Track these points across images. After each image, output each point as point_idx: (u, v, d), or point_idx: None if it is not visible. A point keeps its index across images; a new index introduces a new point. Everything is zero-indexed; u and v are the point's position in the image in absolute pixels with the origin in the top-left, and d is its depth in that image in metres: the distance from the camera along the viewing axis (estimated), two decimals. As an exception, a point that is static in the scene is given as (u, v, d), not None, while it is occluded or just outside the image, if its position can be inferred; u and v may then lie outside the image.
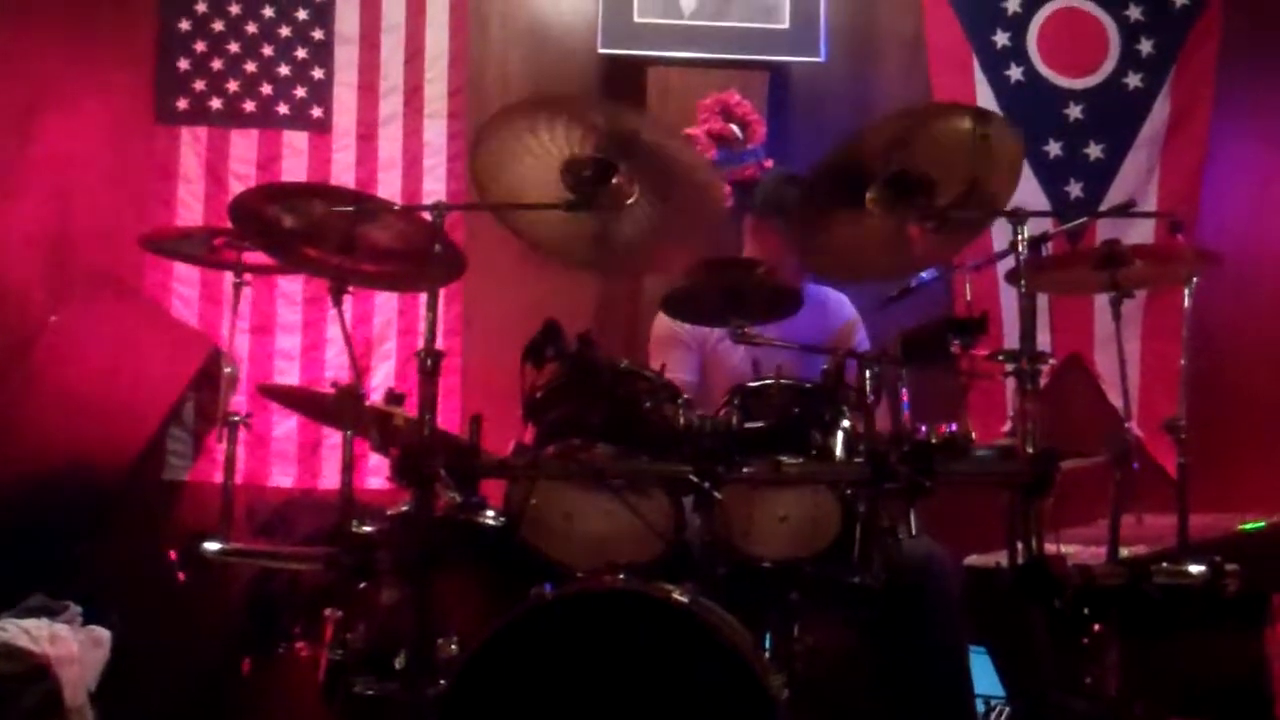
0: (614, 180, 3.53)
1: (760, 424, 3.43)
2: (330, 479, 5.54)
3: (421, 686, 3.24)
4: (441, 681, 3.22)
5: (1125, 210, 5.13)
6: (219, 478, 4.37)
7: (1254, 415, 5.74)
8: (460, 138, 5.73)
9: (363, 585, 3.69)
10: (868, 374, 3.41)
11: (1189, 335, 3.92)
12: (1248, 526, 4.36)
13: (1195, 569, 3.53)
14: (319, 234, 3.68)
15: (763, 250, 4.44)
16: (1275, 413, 5.78)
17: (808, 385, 3.50)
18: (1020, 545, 3.29)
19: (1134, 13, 5.98)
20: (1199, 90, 5.96)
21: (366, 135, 5.78)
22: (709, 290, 3.59)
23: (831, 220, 3.66)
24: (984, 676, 4.31)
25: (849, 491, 3.41)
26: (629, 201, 3.57)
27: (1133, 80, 5.97)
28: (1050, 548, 3.29)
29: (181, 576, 3.98)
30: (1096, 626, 3.72)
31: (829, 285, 4.62)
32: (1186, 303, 3.91)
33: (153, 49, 5.80)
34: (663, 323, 4.55)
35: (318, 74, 5.80)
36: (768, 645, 3.55)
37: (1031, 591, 3.25)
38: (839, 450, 3.43)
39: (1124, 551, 3.77)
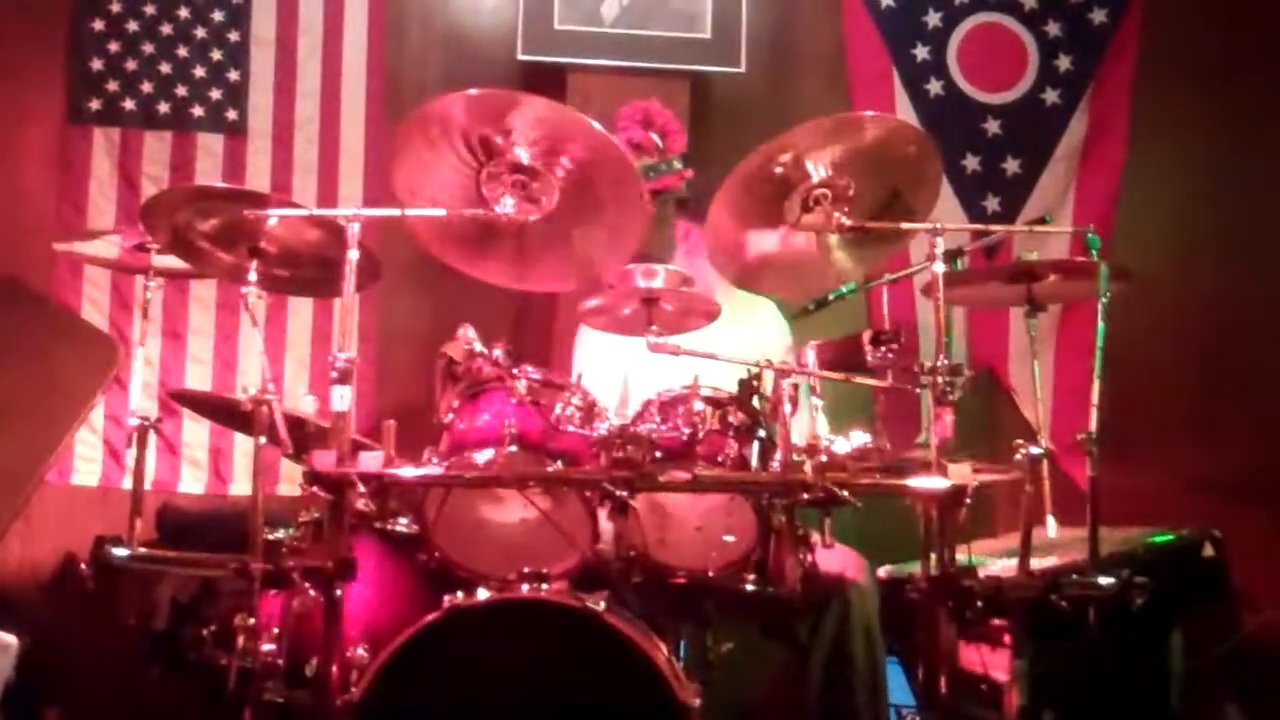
0: (533, 185, 3.51)
1: (676, 433, 3.42)
2: (241, 485, 5.49)
3: (332, 694, 3.21)
4: (352, 689, 3.19)
5: (1041, 225, 5.16)
6: (128, 484, 4.31)
7: (1164, 429, 5.81)
8: (377, 142, 5.69)
9: (274, 593, 3.65)
10: (784, 384, 3.41)
11: (1102, 350, 3.94)
12: (1156, 539, 4.41)
13: (1105, 581, 3.56)
14: (232, 238, 3.64)
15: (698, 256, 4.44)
16: (1186, 429, 5.87)
17: (724, 395, 3.49)
18: (933, 556, 3.31)
19: (1053, 29, 6.05)
20: (1115, 107, 6.03)
21: (282, 139, 5.73)
22: (627, 300, 3.58)
23: (749, 230, 3.67)
24: (896, 686, 4.33)
25: (764, 501, 3.41)
26: (547, 207, 3.54)
27: (1050, 96, 6.03)
28: (962, 559, 3.32)
29: (90, 583, 3.92)
30: (1006, 637, 3.74)
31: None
32: (1100, 318, 3.94)
33: (64, 48, 5.72)
34: (586, 331, 4.54)
35: (233, 76, 5.75)
36: (682, 654, 3.55)
37: (943, 602, 3.27)
38: (754, 460, 3.44)
39: (1035, 563, 3.79)
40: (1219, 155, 6.06)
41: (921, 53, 5.99)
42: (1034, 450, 3.62)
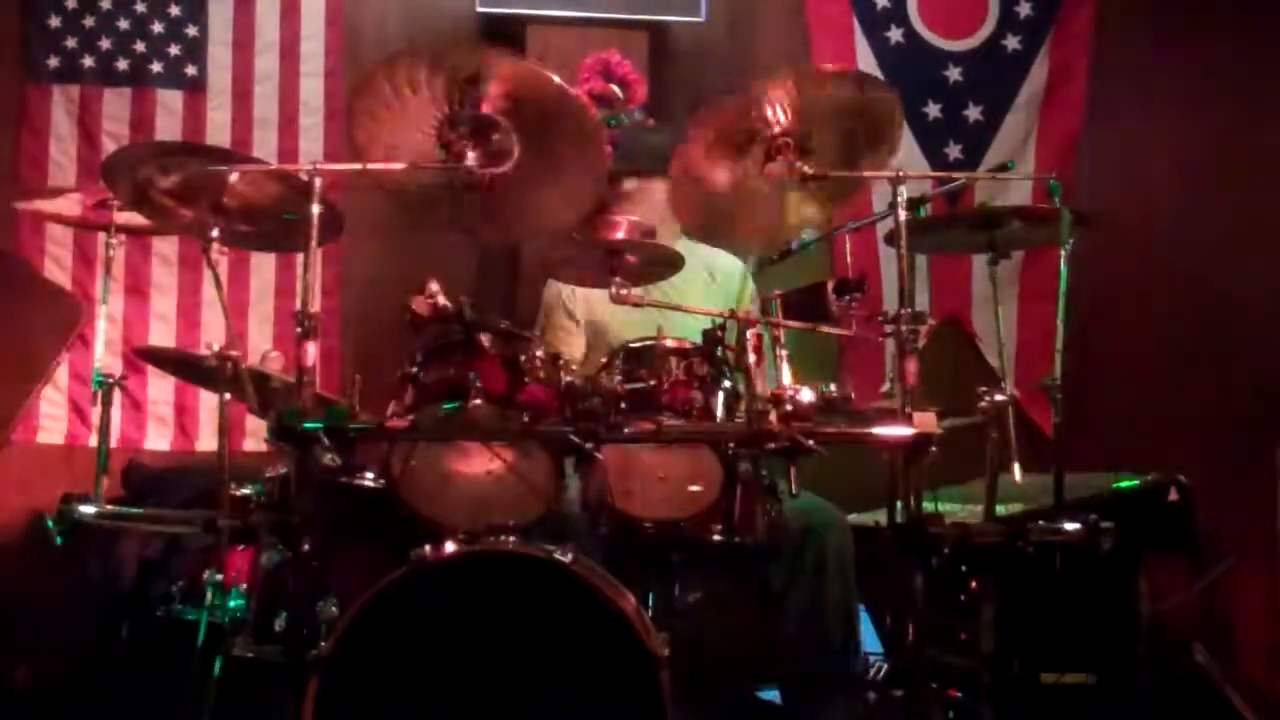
0: (494, 138, 3.50)
1: (642, 384, 3.42)
2: (207, 442, 5.47)
3: (301, 649, 3.21)
4: (321, 644, 3.19)
5: (1003, 172, 5.18)
6: (94, 441, 4.30)
7: (1128, 376, 5.85)
8: (337, 97, 5.66)
9: (241, 548, 3.66)
10: (748, 334, 3.42)
11: (1065, 297, 3.96)
12: (1121, 485, 4.44)
13: (1070, 527, 3.58)
14: (193, 194, 3.62)
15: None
16: (1149, 373, 5.89)
17: (689, 346, 3.50)
18: (899, 504, 3.33)
19: (1013, -26, 6.05)
20: (1076, 54, 6.04)
21: (242, 94, 5.69)
22: (590, 251, 3.58)
23: (710, 180, 3.66)
24: (864, 634, 4.35)
25: (730, 451, 3.42)
26: (510, 160, 3.53)
27: (1011, 43, 6.03)
28: (928, 507, 3.33)
29: (58, 541, 3.92)
30: (974, 584, 3.77)
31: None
32: (1063, 264, 3.95)
33: (20, 6, 5.66)
34: (552, 284, 4.53)
35: (192, 31, 5.70)
36: (649, 605, 3.56)
37: (910, 549, 3.29)
38: (720, 410, 3.44)
39: (1001, 509, 3.82)
40: (1179, 100, 6.07)
41: (882, 0, 5.98)
42: (998, 397, 3.64)
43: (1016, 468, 3.90)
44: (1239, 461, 5.42)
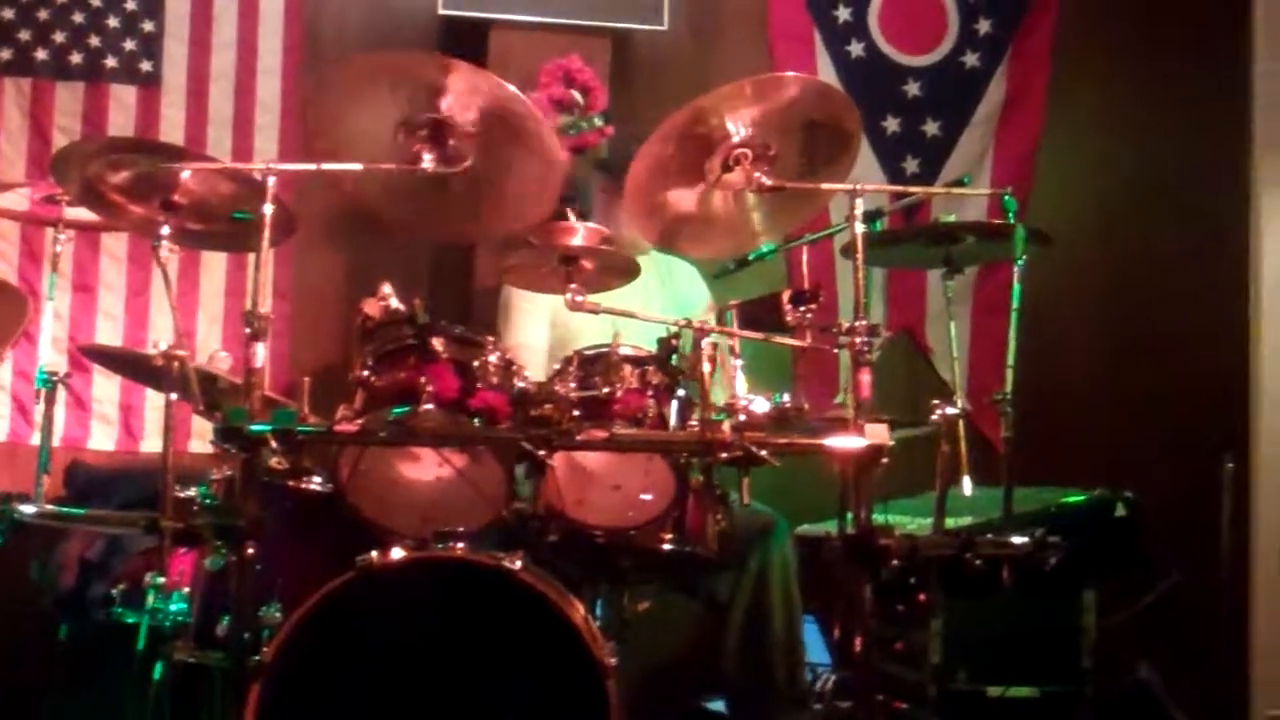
0: (451, 141, 3.48)
1: (594, 392, 3.41)
2: (152, 442, 5.41)
3: (244, 654, 3.18)
4: (264, 649, 3.17)
5: (959, 187, 5.20)
6: (36, 440, 4.25)
7: (1079, 392, 5.88)
8: (294, 96, 5.61)
9: (184, 551, 3.62)
10: (704, 344, 3.41)
11: (1018, 312, 3.98)
12: (1070, 500, 4.46)
13: (1018, 541, 3.60)
14: (144, 191, 3.59)
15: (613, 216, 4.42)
16: (1099, 389, 5.93)
17: (644, 353, 3.49)
18: (849, 515, 3.33)
19: (973, -7, 6.06)
20: (1034, 72, 6.06)
21: (197, 91, 5.64)
22: (547, 257, 3.57)
23: (669, 190, 3.66)
24: (812, 645, 4.36)
25: (683, 461, 3.41)
26: (465, 164, 3.51)
27: (970, 60, 6.05)
28: (878, 518, 3.34)
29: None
30: (922, 596, 3.78)
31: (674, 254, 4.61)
32: (1016, 280, 3.97)
33: (-28, -4, 5.60)
34: (512, 289, 4.51)
35: (148, 26, 5.64)
36: (599, 613, 3.55)
37: (859, 561, 3.29)
38: (673, 419, 3.43)
39: (950, 522, 3.82)
40: (1136, 121, 6.11)
41: (843, 14, 5.98)
42: (950, 410, 3.65)
43: (967, 481, 3.91)
44: (1187, 478, 5.45)
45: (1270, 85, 6.09)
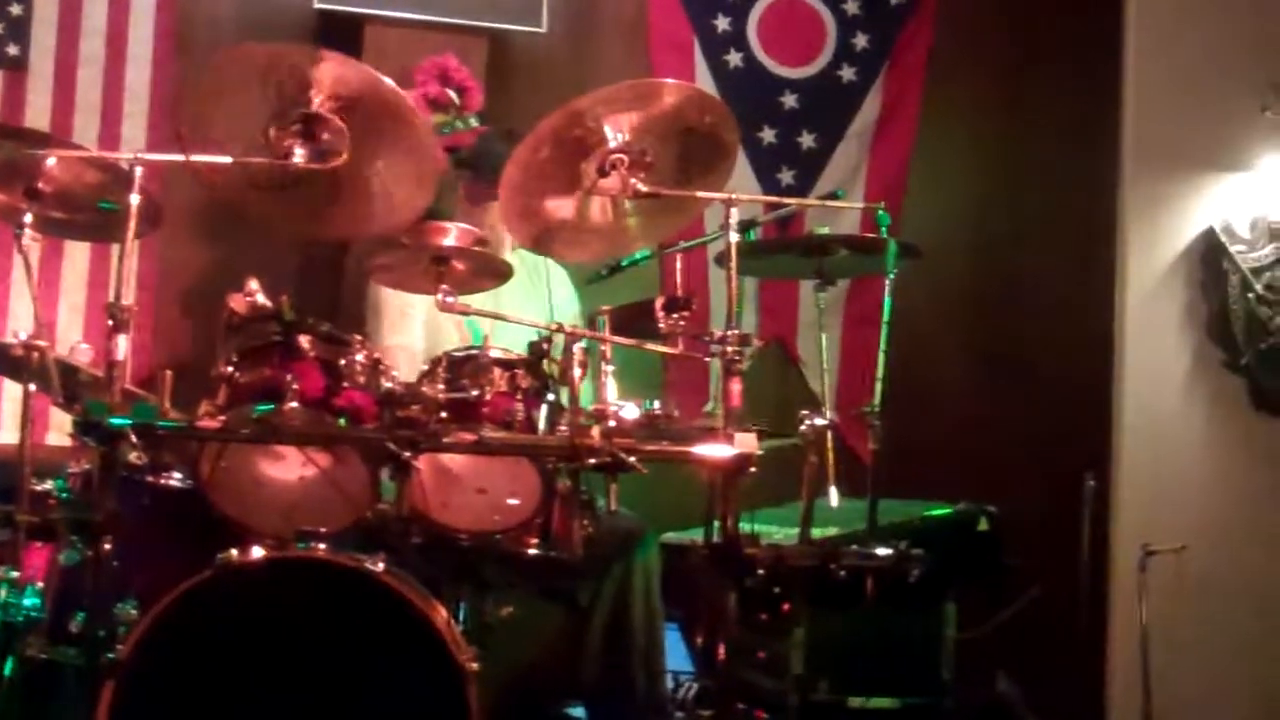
0: (324, 136, 3.43)
1: (464, 394, 3.39)
2: (9, 433, 5.30)
3: (98, 651, 3.12)
4: (119, 647, 3.11)
5: (833, 200, 5.24)
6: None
7: (945, 405, 5.95)
8: (164, 85, 5.51)
9: (39, 545, 3.55)
10: (574, 348, 3.40)
11: (888, 325, 4.02)
12: (933, 513, 4.51)
13: (882, 552, 3.63)
14: (7, 177, 3.53)
15: (478, 214, 4.39)
16: (965, 404, 6.01)
17: (514, 357, 3.47)
18: (716, 524, 3.34)
19: (851, 7, 6.11)
20: (909, 87, 6.13)
21: (64, 77, 5.52)
22: (417, 257, 3.54)
23: (544, 193, 3.64)
24: (675, 653, 4.36)
25: (550, 466, 3.40)
26: (338, 159, 3.46)
27: (847, 73, 6.10)
28: (744, 527, 3.35)
29: None
30: (786, 606, 3.79)
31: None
32: (887, 294, 4.01)
33: None
34: (380, 288, 4.47)
35: (15, 10, 5.51)
36: (461, 618, 3.53)
37: (724, 569, 3.30)
38: (542, 423, 3.42)
39: (816, 532, 3.85)
40: (1007, 136, 6.22)
41: (723, 23, 6.01)
42: (818, 421, 3.68)
43: (833, 492, 3.96)
44: (1049, 493, 5.55)
45: (1141, 100, 6.21)
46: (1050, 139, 6.18)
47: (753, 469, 3.28)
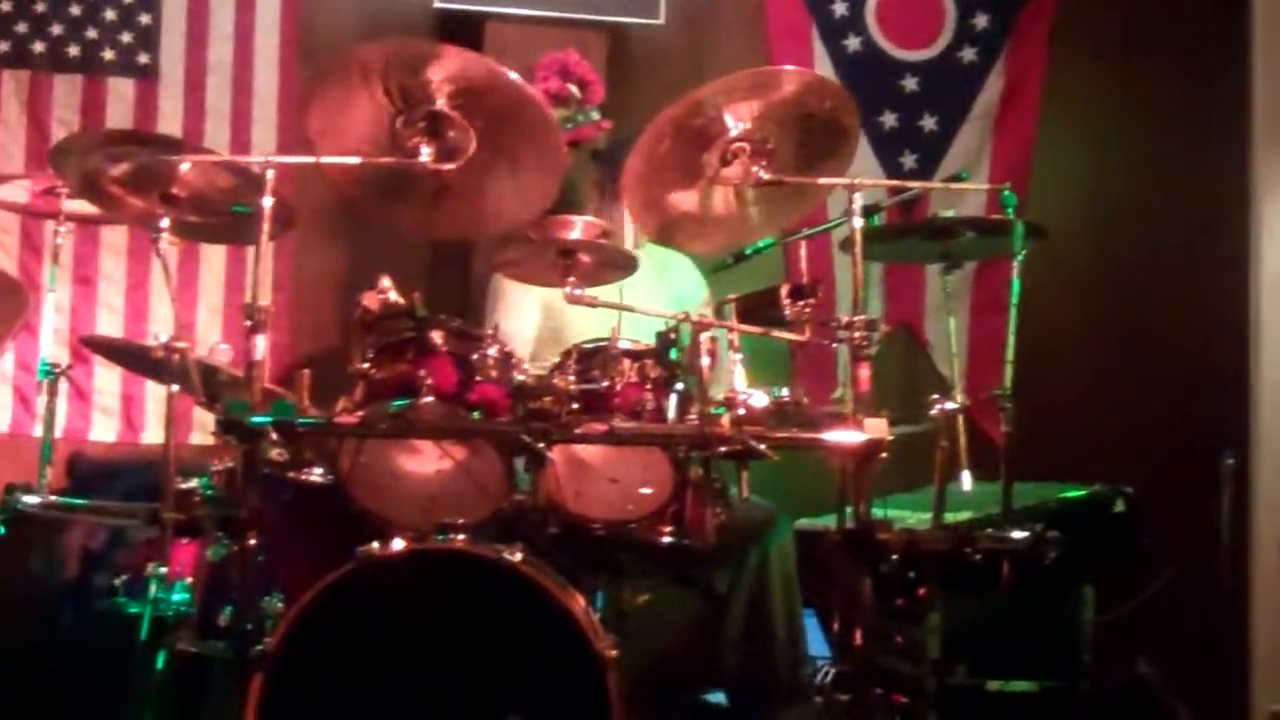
0: (449, 134, 3.48)
1: (594, 385, 3.41)
2: (153, 434, 5.42)
3: (246, 645, 3.20)
4: (266, 640, 3.17)
5: (957, 182, 5.20)
6: (39, 431, 4.26)
7: (1078, 387, 5.88)
8: (291, 89, 5.61)
9: (186, 542, 3.63)
10: (702, 338, 3.42)
11: (1017, 308, 3.98)
12: (1069, 495, 4.46)
13: (1017, 536, 3.61)
14: (143, 183, 3.61)
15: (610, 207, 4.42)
16: (1098, 385, 5.93)
17: (642, 347, 3.49)
18: (849, 510, 3.33)
19: (970, -12, 6.06)
20: (1031, 67, 6.05)
21: (194, 84, 5.63)
22: (543, 251, 3.57)
23: (666, 184, 3.66)
24: (812, 639, 4.36)
25: (681, 454, 3.42)
26: (464, 156, 3.50)
27: (968, 54, 6.04)
28: (877, 513, 3.34)
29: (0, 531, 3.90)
30: (921, 590, 3.78)
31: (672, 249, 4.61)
32: (1015, 275, 3.97)
33: (-31, -10, 5.60)
34: (501, 279, 4.51)
35: (145, 19, 5.63)
36: (598, 606, 3.56)
37: (858, 555, 3.30)
38: (672, 413, 3.44)
39: (949, 517, 3.83)
40: (1134, 115, 6.11)
41: (840, 9, 5.98)
42: (949, 405, 3.66)
43: (966, 476, 3.93)
44: (1186, 473, 5.46)
45: (1270, 80, 6.08)
46: (1176, 118, 6.07)
47: (884, 454, 3.28)
